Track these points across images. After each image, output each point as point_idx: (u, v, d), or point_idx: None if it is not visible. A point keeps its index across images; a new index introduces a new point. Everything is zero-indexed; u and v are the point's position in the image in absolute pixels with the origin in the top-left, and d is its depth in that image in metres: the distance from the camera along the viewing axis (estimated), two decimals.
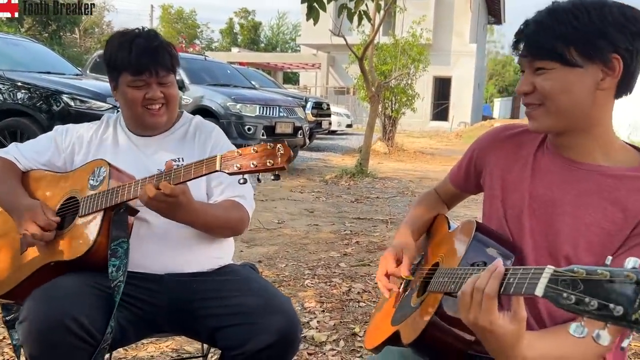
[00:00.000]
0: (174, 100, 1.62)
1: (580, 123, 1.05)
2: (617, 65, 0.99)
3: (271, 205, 5.84)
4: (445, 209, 1.50)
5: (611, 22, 0.97)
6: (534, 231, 1.12)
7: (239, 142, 7.74)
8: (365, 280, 3.49)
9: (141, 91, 1.55)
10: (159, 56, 1.54)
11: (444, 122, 23.57)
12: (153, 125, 1.62)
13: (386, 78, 11.37)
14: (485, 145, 1.30)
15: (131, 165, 1.55)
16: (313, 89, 26.94)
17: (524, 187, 1.16)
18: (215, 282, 1.54)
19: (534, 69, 1.04)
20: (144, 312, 1.49)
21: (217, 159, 1.28)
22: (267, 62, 30.06)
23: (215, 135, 1.69)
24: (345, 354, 2.45)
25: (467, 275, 1.00)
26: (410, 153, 12.64)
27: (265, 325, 1.39)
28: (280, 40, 51.12)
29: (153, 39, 1.57)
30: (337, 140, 15.64)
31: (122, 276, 1.38)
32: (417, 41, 12.67)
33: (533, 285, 0.77)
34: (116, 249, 1.39)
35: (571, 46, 0.98)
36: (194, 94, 8.13)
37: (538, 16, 1.03)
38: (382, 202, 6.36)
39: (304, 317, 2.84)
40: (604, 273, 0.67)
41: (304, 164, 9.76)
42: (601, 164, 1.07)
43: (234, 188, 1.58)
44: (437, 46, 21.90)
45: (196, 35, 49.81)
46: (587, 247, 1.05)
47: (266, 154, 1.23)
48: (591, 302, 0.66)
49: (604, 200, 1.05)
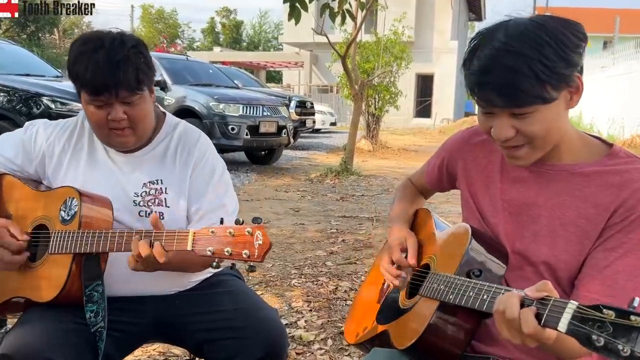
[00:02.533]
0: (141, 120, 1.41)
1: (558, 140, 1.06)
2: (580, 82, 1.00)
3: (256, 205, 5.82)
4: (423, 199, 1.54)
5: (571, 48, 0.96)
6: (510, 236, 1.14)
7: (223, 143, 7.73)
8: (352, 278, 3.49)
9: (103, 111, 1.35)
10: (120, 73, 1.31)
11: (427, 119, 23.69)
12: (120, 146, 1.44)
13: (369, 76, 11.40)
14: (455, 152, 1.30)
15: (106, 184, 1.44)
16: (296, 88, 26.90)
17: (496, 193, 1.17)
18: (200, 296, 1.51)
19: (509, 113, 1.00)
20: (129, 333, 1.45)
21: (188, 237, 1.17)
22: (249, 61, 29.95)
23: (198, 152, 1.51)
24: (334, 352, 2.45)
25: (467, 288, 1.00)
26: (395, 150, 12.69)
27: (253, 339, 1.38)
28: (262, 39, 50.94)
29: (117, 51, 1.32)
30: (322, 138, 15.63)
31: (102, 321, 1.31)
32: (399, 39, 12.72)
33: (555, 318, 0.76)
34: (91, 294, 1.31)
35: (546, 84, 0.95)
36: (176, 94, 8.08)
37: (501, 59, 0.95)
38: (368, 200, 6.38)
39: (291, 316, 2.84)
40: (636, 320, 0.64)
41: (288, 163, 9.75)
42: (569, 163, 1.09)
43: (212, 214, 1.46)
44: (419, 44, 22.02)
45: (177, 35, 49.43)
46: (565, 247, 1.06)
47: (243, 241, 1.12)
48: (624, 349, 0.64)
49: (575, 199, 1.06)
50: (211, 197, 1.48)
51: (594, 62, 16.13)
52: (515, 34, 0.96)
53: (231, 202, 1.52)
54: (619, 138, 11.62)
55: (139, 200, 1.45)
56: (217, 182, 1.51)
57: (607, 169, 1.05)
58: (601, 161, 1.06)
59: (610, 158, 1.06)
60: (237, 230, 1.13)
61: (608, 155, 1.07)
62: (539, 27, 0.96)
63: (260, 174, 8.19)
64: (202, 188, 1.49)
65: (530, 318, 0.80)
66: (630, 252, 0.99)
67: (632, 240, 0.99)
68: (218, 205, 1.48)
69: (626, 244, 0.99)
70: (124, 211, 1.43)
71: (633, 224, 0.99)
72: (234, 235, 1.12)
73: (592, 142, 1.11)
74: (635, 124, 11.04)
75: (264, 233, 1.12)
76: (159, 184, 1.47)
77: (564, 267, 1.06)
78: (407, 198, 1.50)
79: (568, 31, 0.96)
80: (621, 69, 13.38)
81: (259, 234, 1.12)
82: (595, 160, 1.07)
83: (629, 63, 12.97)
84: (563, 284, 1.06)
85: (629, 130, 11.36)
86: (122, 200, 1.43)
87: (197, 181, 1.49)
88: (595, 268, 1.01)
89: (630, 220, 1.00)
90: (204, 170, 1.50)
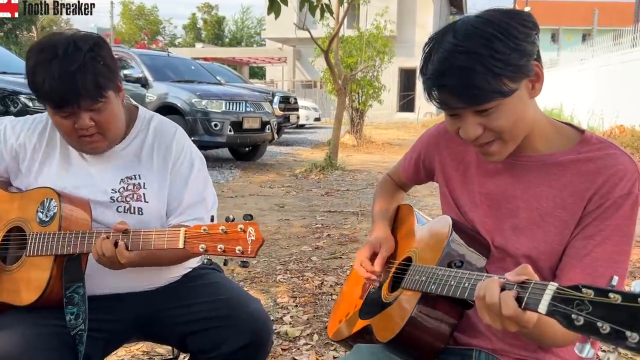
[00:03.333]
0: (110, 124, 1.36)
1: (528, 131, 1.06)
2: (538, 69, 1.00)
3: (241, 202, 5.80)
4: (403, 194, 1.54)
5: (521, 37, 0.95)
6: (490, 230, 1.14)
7: (206, 139, 7.68)
8: (337, 272, 3.50)
9: (69, 120, 1.31)
10: (78, 84, 1.24)
11: (411, 113, 23.79)
12: (93, 151, 1.41)
13: (352, 70, 11.39)
14: (431, 146, 1.31)
15: (82, 183, 1.41)
16: (280, 83, 26.81)
17: (474, 187, 1.18)
18: (181, 289, 1.50)
19: (473, 111, 1.00)
20: (109, 332, 1.43)
21: (180, 235, 1.16)
22: (232, 57, 29.75)
23: (176, 147, 1.49)
24: (320, 347, 2.46)
25: (448, 277, 1.00)
26: (379, 145, 12.72)
27: (237, 327, 1.37)
28: (245, 35, 50.65)
29: (71, 59, 1.25)
30: (306, 134, 15.61)
31: (82, 324, 1.28)
32: (381, 33, 12.73)
33: (535, 301, 0.77)
34: (72, 296, 1.29)
35: (502, 77, 0.95)
36: (158, 91, 8.00)
37: (453, 61, 0.95)
38: (352, 195, 6.39)
39: (277, 312, 2.83)
40: (615, 297, 0.65)
41: (273, 159, 9.72)
42: (544, 153, 1.09)
43: (193, 210, 1.45)
44: (401, 38, 22.08)
45: (159, 31, 48.91)
46: (544, 237, 1.07)
47: (236, 237, 1.12)
48: (603, 326, 0.65)
49: (552, 189, 1.07)
50: (191, 191, 1.48)
51: (574, 55, 16.33)
52: (464, 33, 0.96)
53: (210, 195, 1.52)
54: (599, 129, 11.78)
55: (117, 196, 1.43)
56: (197, 176, 1.50)
57: (580, 156, 1.05)
58: (575, 149, 1.07)
59: (583, 145, 1.07)
60: (229, 227, 1.13)
61: (581, 142, 1.07)
62: (486, 22, 0.96)
63: (245, 171, 8.16)
64: (182, 183, 1.47)
65: (510, 300, 0.81)
66: (608, 239, 1.00)
67: (609, 227, 1.00)
68: (198, 199, 1.48)
69: (604, 231, 1.00)
70: (101, 208, 1.41)
71: (609, 210, 1.00)
72: (227, 232, 1.13)
73: (564, 130, 1.11)
74: (614, 116, 11.21)
75: (257, 229, 1.13)
76: (137, 179, 1.45)
77: (545, 257, 1.07)
78: (387, 195, 1.50)
79: (516, 22, 0.96)
80: (600, 61, 13.56)
81: (251, 230, 1.12)
82: (569, 148, 1.08)
83: (607, 56, 13.15)
84: (545, 274, 1.07)
85: (608, 121, 11.53)
86: (99, 197, 1.41)
87: (177, 176, 1.48)
88: (576, 257, 1.03)
89: (605, 207, 1.01)
90: (183, 165, 1.49)
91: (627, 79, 11.35)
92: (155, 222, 1.45)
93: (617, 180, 1.00)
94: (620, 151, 1.04)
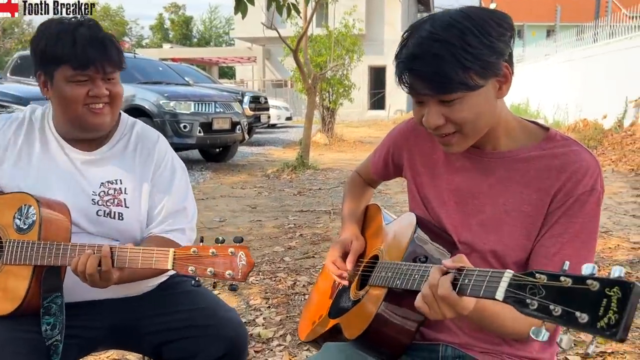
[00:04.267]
0: (120, 99, 1.42)
1: (489, 127, 1.08)
2: (507, 71, 1.02)
3: (212, 204, 5.74)
4: (372, 191, 1.55)
5: (495, 36, 0.97)
6: (458, 227, 1.15)
7: (176, 141, 7.58)
8: (310, 272, 3.50)
9: (84, 87, 1.33)
10: (107, 49, 1.34)
11: (382, 110, 23.95)
12: (95, 126, 1.39)
13: (322, 69, 11.40)
14: (400, 142, 1.31)
15: (64, 184, 1.39)
16: (250, 83, 26.66)
17: (442, 184, 1.19)
18: (158, 298, 1.48)
19: (438, 101, 1.02)
20: (84, 338, 1.40)
21: (169, 255, 1.15)
22: (201, 57, 29.47)
23: (158, 154, 1.49)
24: (293, 348, 2.45)
25: (412, 271, 1.01)
26: (350, 143, 12.76)
27: (213, 337, 1.36)
28: (213, 35, 50.20)
29: (97, 29, 1.36)
30: (278, 133, 15.57)
31: (58, 334, 1.25)
32: (349, 32, 12.78)
33: (492, 288, 0.78)
34: (49, 305, 1.26)
35: (471, 72, 0.97)
36: (125, 93, 7.80)
37: (427, 47, 0.97)
38: (325, 194, 6.40)
39: (249, 314, 2.82)
40: (566, 280, 0.67)
41: (244, 160, 9.66)
42: (509, 150, 1.11)
43: (174, 219, 1.44)
44: (370, 36, 22.21)
45: (125, 32, 48.06)
46: (511, 233, 1.09)
47: (226, 261, 1.11)
48: (555, 308, 0.67)
49: (517, 185, 1.09)
50: (173, 200, 1.46)
51: (538, 51, 16.68)
52: (442, 23, 0.98)
53: (191, 205, 1.51)
54: (564, 123, 12.07)
55: (97, 200, 1.40)
56: (178, 185, 1.49)
57: (545, 152, 1.08)
58: (539, 145, 1.09)
59: (547, 142, 1.09)
60: (220, 250, 1.12)
61: (545, 139, 1.10)
62: (465, 16, 0.98)
63: (216, 172, 8.08)
64: (164, 190, 1.46)
65: (445, 283, 0.86)
66: (575, 237, 1.02)
67: (576, 225, 1.02)
68: (179, 208, 1.46)
69: (571, 229, 1.03)
70: (81, 210, 1.38)
71: (573, 207, 1.03)
72: (217, 255, 1.12)
73: (530, 127, 1.13)
74: (578, 110, 11.49)
75: (247, 253, 1.13)
76: (118, 184, 1.43)
77: (511, 253, 1.09)
78: (356, 194, 1.51)
79: (493, 21, 0.98)
80: (563, 56, 13.88)
81: (242, 255, 1.12)
82: (534, 145, 1.10)
83: (570, 51, 13.47)
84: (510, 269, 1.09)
85: (573, 115, 11.82)
86: (80, 199, 1.38)
87: (158, 184, 1.46)
88: (546, 255, 1.05)
89: (570, 204, 1.03)
90: (165, 172, 1.47)
91: (590, 73, 11.66)
92: (136, 228, 1.43)
93: (580, 176, 1.03)
94: (582, 148, 1.07)
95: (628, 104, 9.62)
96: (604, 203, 1.09)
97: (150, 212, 1.45)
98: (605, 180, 5.31)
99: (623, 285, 0.62)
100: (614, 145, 8.90)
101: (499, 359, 1.12)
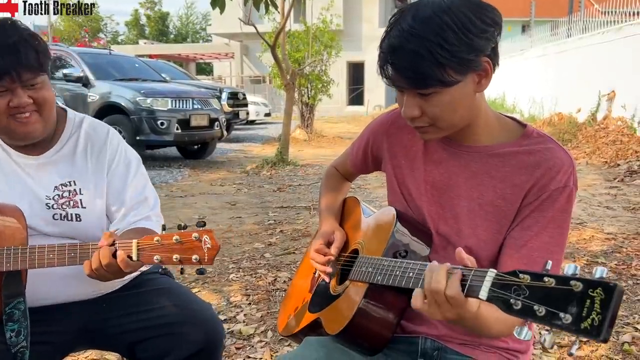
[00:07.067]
0: (48, 103, 1.33)
1: (466, 122, 1.09)
2: (488, 66, 1.02)
3: (190, 201, 5.69)
4: (349, 185, 1.56)
5: (475, 32, 0.96)
6: (434, 218, 1.16)
7: (153, 138, 7.50)
8: (290, 268, 3.49)
9: (3, 99, 1.25)
10: (20, 55, 1.22)
11: (360, 106, 23.98)
12: (25, 136, 1.32)
13: (300, 65, 11.37)
14: (379, 134, 1.31)
15: (16, 191, 1.34)
16: (228, 79, 26.45)
17: (420, 175, 1.20)
18: (129, 296, 1.46)
19: (415, 93, 1.02)
20: (53, 344, 1.37)
21: (132, 246, 1.13)
22: (178, 54, 29.14)
23: (110, 148, 1.45)
24: (274, 344, 2.45)
25: (393, 268, 1.01)
26: (330, 138, 12.77)
27: (187, 334, 1.35)
28: (190, 31, 49.60)
29: (9, 32, 1.24)
30: (257, 130, 15.50)
31: (24, 341, 1.22)
32: (327, 27, 12.77)
33: (476, 287, 0.78)
34: (12, 312, 1.23)
35: (446, 67, 0.96)
36: (100, 90, 7.72)
37: (405, 42, 0.97)
38: (304, 189, 6.39)
39: (230, 312, 2.81)
40: (549, 280, 0.67)
41: (223, 156, 9.60)
42: (486, 144, 1.12)
43: (137, 210, 1.41)
44: (348, 32, 22.22)
45: (100, 28, 47.14)
46: (485, 226, 1.10)
47: (191, 246, 1.11)
48: (540, 309, 0.67)
49: (493, 179, 1.10)
50: (132, 192, 1.43)
51: (514, 46, 16.87)
52: (421, 17, 0.97)
53: (151, 194, 1.48)
54: (540, 117, 12.25)
55: (52, 204, 1.36)
56: (135, 176, 1.46)
57: (521, 149, 1.09)
58: (516, 142, 1.10)
59: (524, 138, 1.10)
60: (184, 236, 1.12)
61: (522, 135, 1.11)
62: (445, 11, 0.97)
63: (194, 169, 8.01)
64: (121, 184, 1.43)
65: (455, 283, 0.83)
66: (544, 230, 1.04)
67: (546, 219, 1.04)
68: (140, 199, 1.44)
69: (540, 223, 1.04)
70: (36, 216, 1.34)
71: (545, 202, 1.04)
72: (182, 242, 1.11)
73: (508, 123, 1.14)
74: (553, 104, 11.67)
75: (212, 236, 1.12)
76: (72, 185, 1.39)
77: (484, 246, 1.10)
78: (333, 188, 1.50)
79: (475, 16, 0.97)
80: (538, 51, 14.07)
81: (206, 238, 1.12)
82: (511, 141, 1.11)
83: (545, 46, 13.65)
84: (483, 265, 1.09)
85: (548, 109, 12.00)
86: (34, 205, 1.35)
87: (115, 178, 1.43)
88: (514, 247, 1.06)
89: (542, 199, 1.04)
90: (119, 166, 1.45)
91: (564, 68, 11.84)
92: (94, 228, 1.40)
93: (554, 173, 1.04)
94: (557, 146, 1.09)
95: (601, 98, 9.81)
96: (578, 195, 1.10)
97: (110, 208, 1.42)
98: (580, 172, 5.40)
99: (606, 286, 0.62)
100: (588, 139, 9.07)
101: (477, 350, 1.13)
